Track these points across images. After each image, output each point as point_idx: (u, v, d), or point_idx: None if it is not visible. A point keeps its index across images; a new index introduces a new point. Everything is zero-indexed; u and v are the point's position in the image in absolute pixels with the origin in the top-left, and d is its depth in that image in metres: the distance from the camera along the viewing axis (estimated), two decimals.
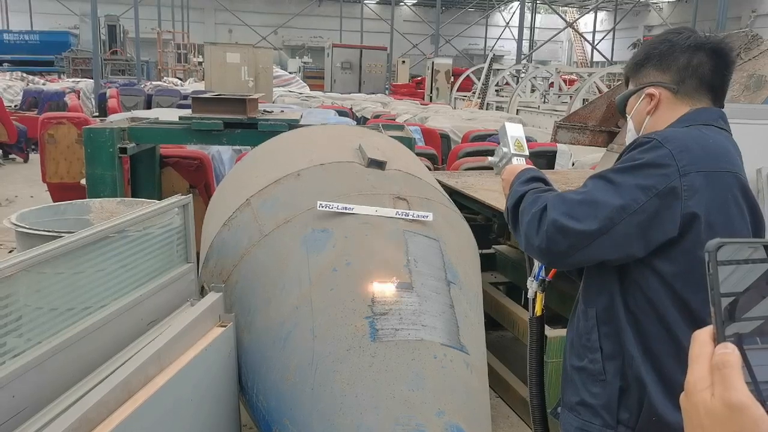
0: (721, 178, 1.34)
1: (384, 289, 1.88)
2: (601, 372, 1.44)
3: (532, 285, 1.81)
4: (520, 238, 1.48)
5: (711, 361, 0.52)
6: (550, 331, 2.65)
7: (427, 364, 1.73)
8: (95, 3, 14.27)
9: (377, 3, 33.70)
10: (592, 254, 1.37)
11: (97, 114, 12.29)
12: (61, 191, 5.25)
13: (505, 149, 1.73)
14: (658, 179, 1.32)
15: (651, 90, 1.48)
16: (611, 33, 29.21)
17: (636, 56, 1.54)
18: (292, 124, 3.62)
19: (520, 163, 1.68)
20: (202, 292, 2.27)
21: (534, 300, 1.82)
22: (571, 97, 10.42)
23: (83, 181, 3.66)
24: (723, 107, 1.48)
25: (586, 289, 1.52)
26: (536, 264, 1.78)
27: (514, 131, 1.74)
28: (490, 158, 1.80)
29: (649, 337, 1.38)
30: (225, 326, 1.93)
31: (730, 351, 0.51)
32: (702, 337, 0.54)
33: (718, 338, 0.53)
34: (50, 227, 2.30)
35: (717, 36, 1.47)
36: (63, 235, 1.78)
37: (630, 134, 1.56)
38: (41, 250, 1.53)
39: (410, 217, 2.10)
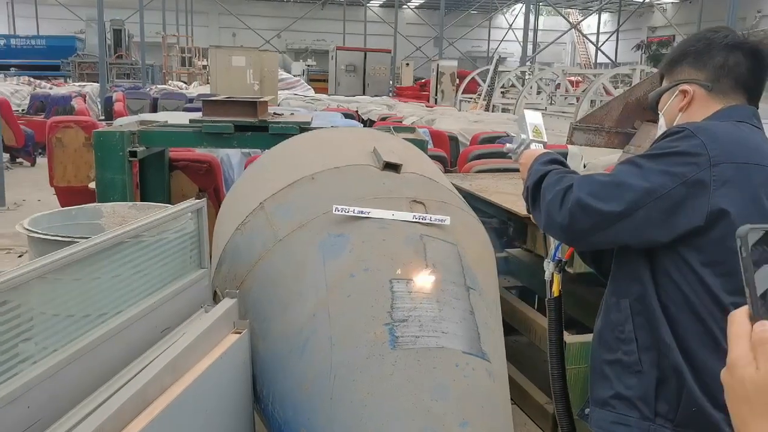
0: (752, 170, 1.33)
1: (403, 295, 1.84)
2: (636, 363, 1.40)
3: (548, 266, 1.81)
4: (540, 216, 1.49)
5: (751, 339, 0.57)
6: (568, 337, 2.61)
7: (449, 373, 1.69)
8: (101, 8, 14.34)
9: (380, 6, 33.72)
10: (612, 236, 1.37)
11: (103, 117, 12.30)
12: (68, 195, 5.23)
13: (523, 135, 1.74)
14: (687, 168, 1.30)
15: (685, 87, 1.47)
16: (615, 34, 29.16)
17: (672, 53, 1.54)
18: (304, 127, 3.59)
19: (538, 148, 1.69)
20: (215, 298, 2.23)
21: (551, 281, 1.82)
22: (578, 98, 10.37)
23: (92, 185, 3.63)
24: (758, 107, 1.46)
25: (616, 280, 1.50)
26: (552, 245, 1.79)
27: (533, 118, 1.76)
28: (508, 144, 1.82)
29: (681, 327, 1.35)
30: (240, 333, 1.89)
31: None
32: (739, 317, 0.59)
33: (755, 317, 0.57)
34: (62, 232, 2.26)
35: (756, 36, 1.46)
36: (77, 240, 1.74)
37: (661, 130, 1.54)
38: (58, 255, 1.50)
39: (427, 221, 2.06)
